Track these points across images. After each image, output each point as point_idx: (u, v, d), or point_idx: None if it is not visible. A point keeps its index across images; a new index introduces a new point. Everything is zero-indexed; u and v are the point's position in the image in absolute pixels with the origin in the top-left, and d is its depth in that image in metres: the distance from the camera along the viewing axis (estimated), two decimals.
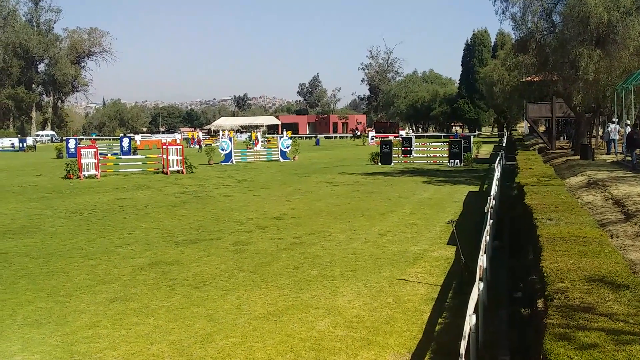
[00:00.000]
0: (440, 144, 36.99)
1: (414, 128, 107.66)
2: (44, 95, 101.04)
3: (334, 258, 9.05)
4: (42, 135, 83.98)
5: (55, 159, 39.42)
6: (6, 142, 63.65)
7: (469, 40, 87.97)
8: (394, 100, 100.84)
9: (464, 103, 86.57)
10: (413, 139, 33.49)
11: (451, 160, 28.62)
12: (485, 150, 39.43)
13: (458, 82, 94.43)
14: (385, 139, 38.27)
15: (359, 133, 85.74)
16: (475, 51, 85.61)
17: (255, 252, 9.59)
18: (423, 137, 78.87)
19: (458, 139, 31.04)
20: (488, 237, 7.41)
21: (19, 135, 75.61)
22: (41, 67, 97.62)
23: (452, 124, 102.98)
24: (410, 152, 31.61)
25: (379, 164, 29.56)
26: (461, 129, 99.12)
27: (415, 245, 9.90)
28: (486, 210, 8.85)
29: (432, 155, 32.56)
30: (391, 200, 15.66)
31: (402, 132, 71.22)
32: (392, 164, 29.40)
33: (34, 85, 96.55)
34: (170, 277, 8.06)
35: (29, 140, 60.73)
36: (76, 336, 5.88)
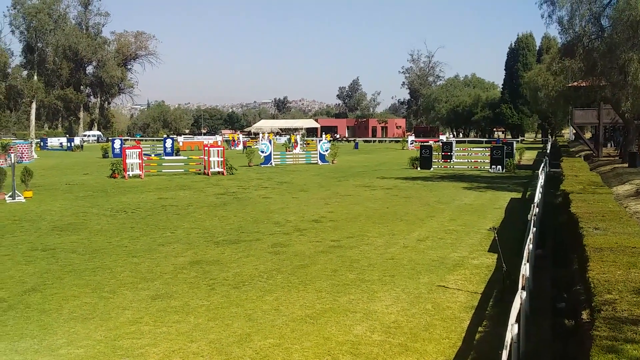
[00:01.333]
0: (481, 149, 36.45)
1: (455, 133, 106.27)
2: (92, 97, 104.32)
3: (371, 262, 9.02)
4: (88, 136, 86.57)
5: (101, 158, 40.56)
6: (55, 141, 65.92)
7: (513, 44, 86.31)
8: (435, 105, 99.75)
9: (506, 108, 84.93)
10: (454, 144, 33.08)
11: (493, 166, 28.12)
12: (529, 157, 38.58)
13: (501, 86, 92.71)
14: (425, 143, 37.91)
15: (338, 136, 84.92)
16: (519, 55, 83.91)
17: (293, 254, 9.64)
18: (464, 142, 77.77)
19: (500, 145, 30.49)
20: (531, 246, 7.25)
21: (67, 135, 78.27)
22: (89, 69, 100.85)
23: (494, 129, 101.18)
24: (450, 157, 31.23)
25: (419, 168, 29.29)
26: (503, 135, 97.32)
27: (455, 252, 9.76)
28: (529, 218, 8.66)
29: (473, 160, 32.07)
30: (430, 206, 15.49)
31: (443, 137, 70.44)
32: (432, 169, 29.10)
33: (82, 87, 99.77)
34: (211, 277, 8.18)
35: (77, 140, 62.73)
36: (119, 332, 6.03)
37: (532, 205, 9.44)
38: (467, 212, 14.43)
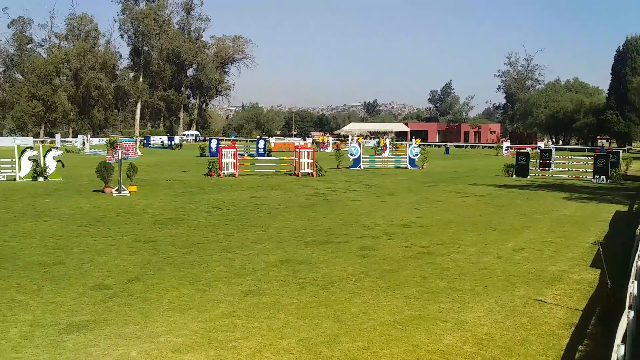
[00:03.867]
0: (583, 157, 34.44)
1: (554, 140, 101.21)
2: (191, 98, 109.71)
3: (463, 271, 8.77)
4: (187, 135, 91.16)
5: (199, 157, 42.48)
6: (157, 139, 69.90)
7: (621, 47, 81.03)
8: (533, 110, 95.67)
9: (612, 115, 79.77)
10: (553, 151, 31.51)
11: (596, 176, 26.47)
12: (636, 167, 35.95)
13: (606, 91, 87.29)
14: (521, 150, 36.39)
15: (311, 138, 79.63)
16: (628, 59, 78.62)
17: (381, 258, 9.58)
18: (564, 149, 73.90)
19: (604, 153, 28.66)
20: (639, 262, 6.74)
21: (168, 134, 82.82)
22: (190, 71, 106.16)
23: (598, 137, 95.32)
24: (549, 165, 29.78)
25: (514, 176, 28.16)
26: (608, 143, 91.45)
27: (553, 265, 9.28)
28: (638, 233, 8.07)
29: (574, 169, 30.37)
30: (527, 215, 14.84)
31: (541, 144, 67.36)
32: (528, 177, 27.87)
33: (182, 88, 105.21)
34: (300, 276, 8.31)
35: (176, 139, 66.30)
36: (214, 324, 6.27)
37: None
38: (567, 223, 13.68)
